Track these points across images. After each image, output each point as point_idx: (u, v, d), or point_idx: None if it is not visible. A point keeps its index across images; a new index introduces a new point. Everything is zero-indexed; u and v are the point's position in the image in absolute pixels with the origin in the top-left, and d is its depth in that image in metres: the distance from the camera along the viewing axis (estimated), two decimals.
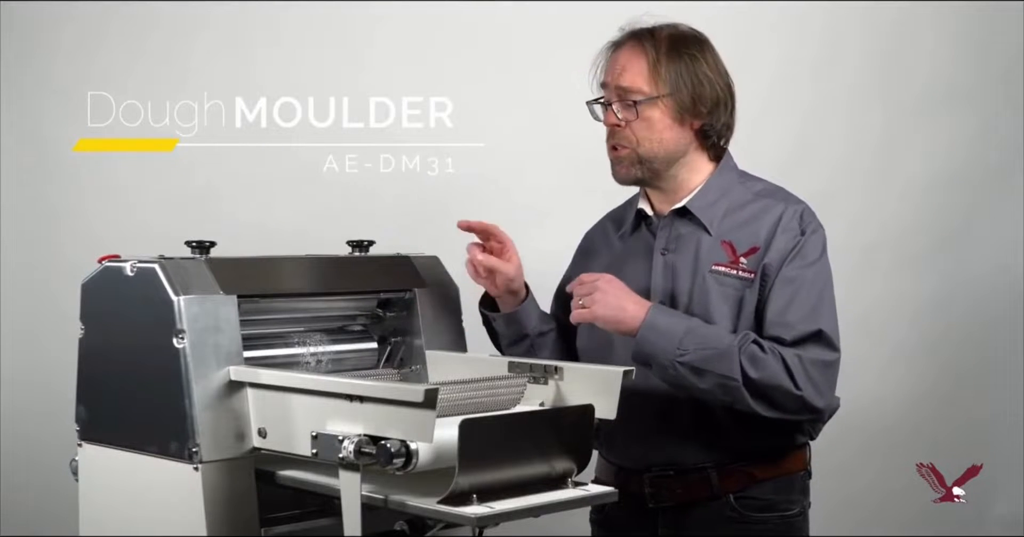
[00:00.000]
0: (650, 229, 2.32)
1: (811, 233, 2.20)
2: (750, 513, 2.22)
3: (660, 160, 2.24)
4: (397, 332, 2.21)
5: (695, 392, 2.12)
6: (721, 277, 2.19)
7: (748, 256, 2.19)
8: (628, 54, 2.24)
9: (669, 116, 2.22)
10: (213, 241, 1.97)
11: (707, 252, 2.22)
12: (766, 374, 2.08)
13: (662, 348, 2.10)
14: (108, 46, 3.36)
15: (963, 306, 3.68)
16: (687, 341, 2.09)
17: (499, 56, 3.47)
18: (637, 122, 2.22)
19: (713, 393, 2.10)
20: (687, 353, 2.09)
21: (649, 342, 2.10)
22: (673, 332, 2.10)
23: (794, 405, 2.10)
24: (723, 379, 2.08)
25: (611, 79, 2.24)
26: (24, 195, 3.35)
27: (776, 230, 2.19)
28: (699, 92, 2.22)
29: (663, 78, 2.20)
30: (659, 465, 2.25)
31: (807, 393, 2.09)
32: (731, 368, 2.08)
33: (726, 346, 2.09)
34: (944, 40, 3.66)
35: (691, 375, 2.09)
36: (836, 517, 3.27)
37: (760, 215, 2.23)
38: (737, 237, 2.22)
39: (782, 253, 2.18)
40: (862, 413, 3.48)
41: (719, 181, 2.28)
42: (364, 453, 1.65)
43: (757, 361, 2.08)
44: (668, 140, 2.24)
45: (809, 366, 2.10)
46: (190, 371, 1.81)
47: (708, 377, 2.09)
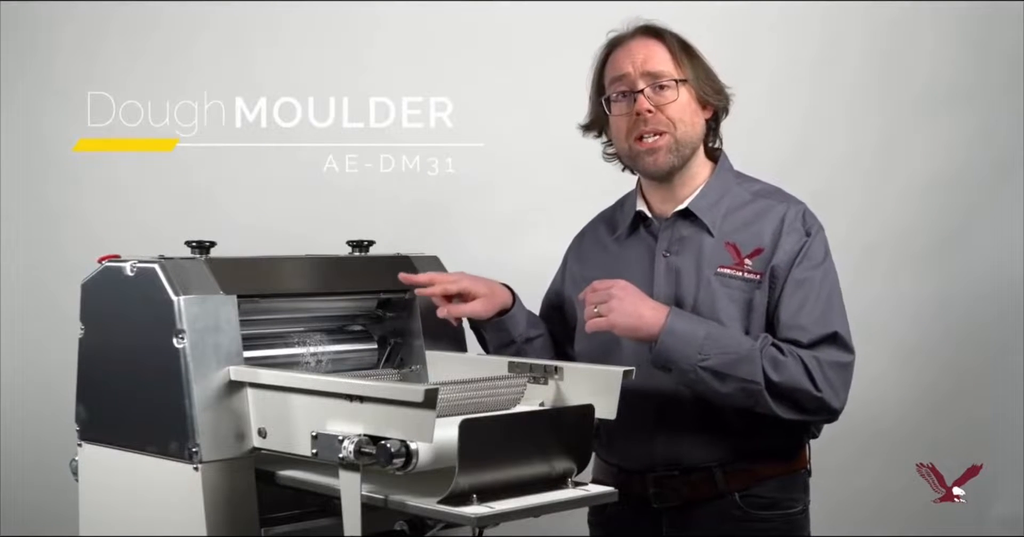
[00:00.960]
0: (650, 231, 2.31)
1: (816, 233, 2.20)
2: (755, 511, 2.22)
3: (691, 146, 2.25)
4: (397, 332, 2.21)
5: (715, 397, 2.11)
6: (727, 279, 2.19)
7: (753, 257, 2.19)
8: (644, 44, 2.25)
9: (695, 100, 2.25)
10: (213, 241, 1.97)
11: (710, 254, 2.22)
12: (787, 377, 2.08)
13: (683, 354, 2.08)
14: (108, 46, 3.36)
15: (963, 306, 3.68)
16: (708, 346, 2.08)
17: (499, 56, 3.47)
18: (672, 105, 2.22)
19: (734, 397, 2.09)
20: (709, 358, 2.08)
21: (670, 348, 2.08)
22: (693, 337, 2.09)
23: (814, 406, 2.11)
24: (746, 383, 2.07)
25: (635, 68, 2.23)
26: (24, 195, 3.35)
27: (781, 231, 2.19)
28: (711, 78, 2.27)
29: (684, 64, 2.24)
30: (663, 465, 2.24)
31: (826, 394, 2.09)
32: (754, 372, 2.07)
33: (747, 350, 2.09)
34: (944, 40, 3.66)
35: (713, 380, 2.08)
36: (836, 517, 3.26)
37: (761, 215, 2.23)
38: (740, 238, 2.21)
39: (790, 255, 2.18)
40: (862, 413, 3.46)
41: (718, 182, 2.28)
42: (364, 453, 1.65)
43: (778, 364, 2.08)
44: (697, 124, 2.26)
45: (827, 368, 2.10)
46: (190, 371, 1.81)
47: (730, 382, 2.08)
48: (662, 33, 2.27)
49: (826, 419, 2.18)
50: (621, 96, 2.26)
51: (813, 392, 2.09)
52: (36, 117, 3.35)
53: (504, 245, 3.39)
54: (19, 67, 3.33)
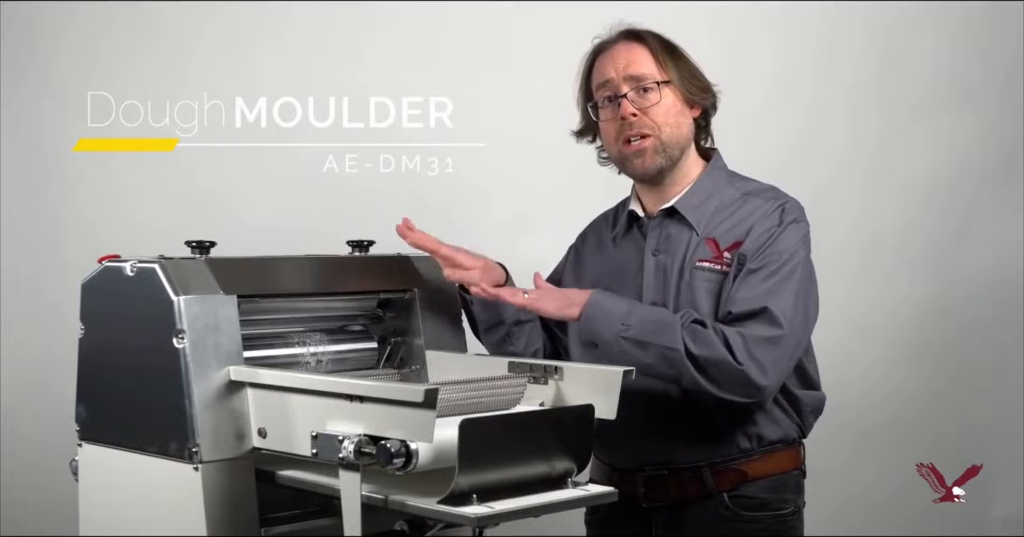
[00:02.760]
0: (641, 230, 2.33)
1: (788, 224, 2.20)
2: (744, 512, 2.23)
3: (679, 147, 2.27)
4: (397, 332, 2.21)
5: (641, 369, 2.07)
6: (705, 272, 2.21)
7: (731, 250, 2.21)
8: (626, 48, 2.27)
9: (680, 101, 2.26)
10: (213, 241, 1.97)
11: (695, 252, 2.24)
12: (705, 347, 2.08)
13: (607, 325, 2.12)
14: (108, 46, 3.36)
15: (963, 306, 3.67)
16: (630, 318, 2.12)
17: (499, 56, 3.47)
18: (655, 107, 2.24)
19: (657, 367, 2.10)
20: (630, 328, 2.11)
21: (594, 319, 2.13)
22: (616, 311, 2.14)
23: (737, 380, 2.08)
24: (666, 350, 2.09)
25: (617, 73, 2.26)
26: (24, 195, 3.34)
27: (754, 224, 2.21)
28: (696, 77, 2.28)
29: (667, 66, 2.25)
30: (653, 465, 2.25)
31: (748, 368, 2.08)
32: (673, 339, 2.09)
33: (668, 319, 2.12)
34: (944, 40, 3.66)
35: (635, 349, 2.10)
36: (835, 517, 3.27)
37: (747, 214, 2.24)
38: (724, 236, 2.23)
39: (756, 243, 2.19)
40: (862, 413, 3.48)
41: (708, 181, 2.30)
42: (364, 453, 1.65)
43: (696, 334, 2.09)
44: (683, 125, 2.27)
45: (751, 342, 2.09)
46: (190, 371, 1.81)
47: (651, 350, 2.10)
48: (643, 36, 2.28)
49: (752, 395, 2.11)
50: (607, 101, 2.29)
51: (734, 364, 2.07)
52: (36, 117, 3.34)
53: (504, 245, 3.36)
54: (19, 67, 3.33)
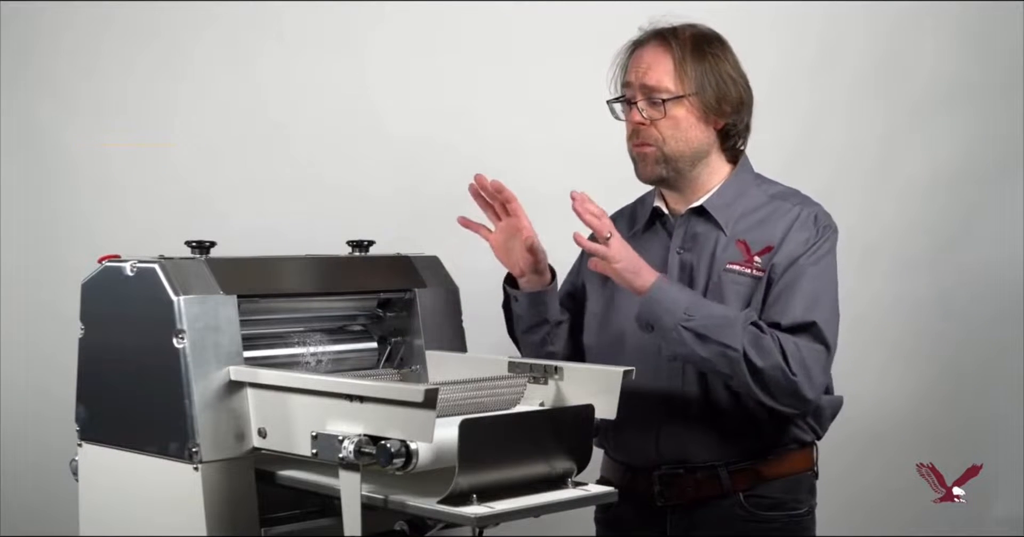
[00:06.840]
0: (666, 227, 2.33)
1: (824, 233, 2.21)
2: (760, 512, 2.23)
3: (685, 159, 2.25)
4: (397, 332, 2.21)
5: (695, 361, 2.12)
6: (735, 276, 2.20)
7: (762, 255, 2.20)
8: (652, 53, 2.24)
9: (695, 115, 2.23)
10: (213, 241, 1.97)
11: (723, 251, 2.23)
12: (764, 353, 2.08)
13: (670, 311, 2.09)
14: (108, 46, 3.35)
15: (963, 306, 3.68)
16: (694, 309, 2.10)
17: (499, 56, 3.46)
18: (663, 120, 2.22)
19: (714, 363, 2.10)
20: (693, 319, 2.09)
21: (657, 303, 2.10)
22: (681, 298, 2.12)
23: (786, 388, 2.09)
24: (725, 348, 2.07)
25: (635, 78, 2.24)
26: (24, 195, 3.34)
27: (790, 231, 2.20)
28: (723, 91, 2.23)
29: (689, 77, 2.21)
30: (668, 463, 2.25)
31: (800, 379, 2.09)
32: (734, 338, 2.07)
33: (732, 317, 2.10)
34: (944, 40, 3.66)
35: (695, 341, 2.08)
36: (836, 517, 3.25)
37: (775, 217, 2.24)
38: (752, 237, 2.22)
39: (794, 251, 2.18)
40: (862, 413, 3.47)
41: (736, 183, 2.29)
42: (364, 453, 1.66)
43: (758, 341, 2.09)
44: (693, 139, 2.24)
45: (805, 355, 2.10)
46: (190, 371, 1.81)
47: (711, 345, 2.08)
48: (672, 41, 2.23)
49: (797, 407, 2.14)
50: (625, 102, 2.27)
51: (788, 373, 2.08)
52: (36, 117, 3.34)
53: None
54: (19, 67, 3.33)
